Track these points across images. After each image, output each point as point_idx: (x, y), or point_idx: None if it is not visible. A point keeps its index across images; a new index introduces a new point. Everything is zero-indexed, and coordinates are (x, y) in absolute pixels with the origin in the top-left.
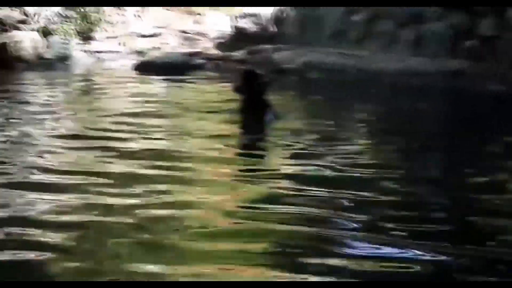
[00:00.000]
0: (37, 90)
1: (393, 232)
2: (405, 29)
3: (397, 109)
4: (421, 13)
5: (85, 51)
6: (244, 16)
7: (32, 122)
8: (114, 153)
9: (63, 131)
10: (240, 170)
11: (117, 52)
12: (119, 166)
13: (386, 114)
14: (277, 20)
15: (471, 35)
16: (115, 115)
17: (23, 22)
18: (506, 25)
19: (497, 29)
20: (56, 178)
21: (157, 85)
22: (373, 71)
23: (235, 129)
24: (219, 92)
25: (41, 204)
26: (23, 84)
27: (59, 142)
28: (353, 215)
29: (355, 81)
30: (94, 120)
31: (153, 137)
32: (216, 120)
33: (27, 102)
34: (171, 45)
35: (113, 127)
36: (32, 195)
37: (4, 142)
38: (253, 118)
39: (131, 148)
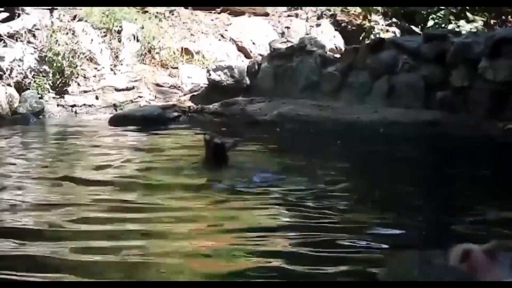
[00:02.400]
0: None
1: None
2: (379, 80)
3: (377, 157)
4: (394, 64)
5: (60, 105)
6: (218, 68)
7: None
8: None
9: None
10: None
11: (92, 105)
12: None
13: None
14: (251, 72)
15: (443, 86)
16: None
17: None
18: (477, 75)
19: (468, 79)
20: None
21: (131, 138)
22: (348, 122)
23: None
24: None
25: None
26: None
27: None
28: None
29: (330, 132)
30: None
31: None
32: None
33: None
34: (146, 98)
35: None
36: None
37: None
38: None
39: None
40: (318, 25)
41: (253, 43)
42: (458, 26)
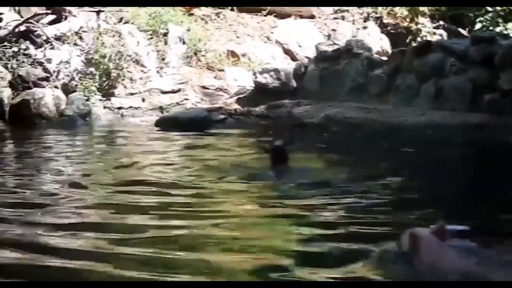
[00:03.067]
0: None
1: None
2: (426, 83)
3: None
4: (441, 67)
5: (106, 107)
6: (264, 71)
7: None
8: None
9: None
10: None
11: (139, 108)
12: None
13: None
14: (297, 75)
15: (490, 88)
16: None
17: (44, 79)
18: None
19: None
20: None
21: (178, 140)
22: (395, 125)
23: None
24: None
25: None
26: (45, 140)
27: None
28: None
29: (377, 135)
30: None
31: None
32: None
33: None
34: (192, 101)
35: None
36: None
37: None
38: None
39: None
40: (364, 27)
41: (299, 46)
42: (506, 29)
